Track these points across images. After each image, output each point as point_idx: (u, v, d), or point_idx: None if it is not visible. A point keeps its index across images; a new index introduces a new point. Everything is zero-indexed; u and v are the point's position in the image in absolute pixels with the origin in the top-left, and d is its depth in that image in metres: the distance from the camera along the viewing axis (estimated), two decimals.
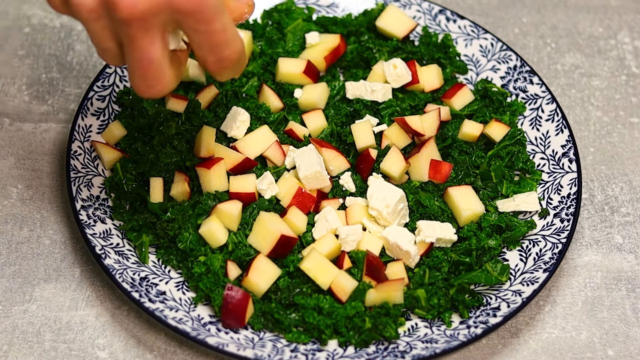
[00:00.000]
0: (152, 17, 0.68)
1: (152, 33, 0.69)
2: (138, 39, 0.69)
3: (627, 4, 1.23)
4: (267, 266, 0.88)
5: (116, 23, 0.69)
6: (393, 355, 0.84)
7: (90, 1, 0.68)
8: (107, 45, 0.72)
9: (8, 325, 0.88)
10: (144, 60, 0.70)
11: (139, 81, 0.72)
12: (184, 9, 0.68)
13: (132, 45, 0.69)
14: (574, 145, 0.99)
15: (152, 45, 0.69)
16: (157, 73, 0.71)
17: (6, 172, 1.00)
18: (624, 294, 0.94)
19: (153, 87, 0.72)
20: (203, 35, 0.71)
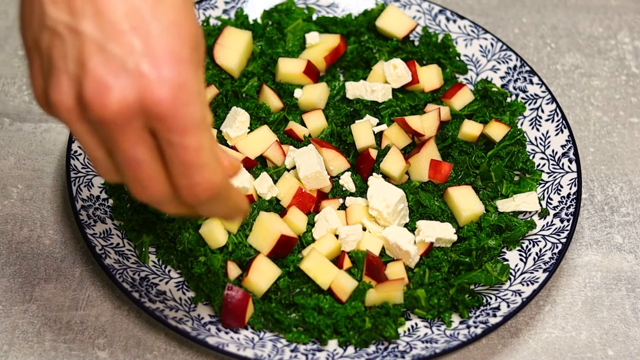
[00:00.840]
0: (126, 120, 0.60)
1: (132, 135, 0.61)
2: (121, 141, 0.61)
3: (627, 4, 1.23)
4: (267, 266, 0.88)
5: (95, 125, 0.61)
6: (393, 355, 0.84)
7: (67, 100, 0.61)
8: (95, 155, 0.63)
9: (8, 325, 0.88)
10: (131, 161, 0.62)
11: (133, 185, 0.63)
12: (156, 112, 0.59)
13: (115, 146, 0.62)
14: (573, 145, 0.99)
15: (135, 147, 0.61)
16: (150, 173, 0.62)
17: (6, 172, 1.00)
18: (623, 294, 0.94)
19: (147, 188, 0.63)
20: (175, 150, 0.60)
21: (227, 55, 1.04)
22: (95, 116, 0.60)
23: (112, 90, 0.59)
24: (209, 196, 0.63)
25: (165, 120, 0.60)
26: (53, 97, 0.61)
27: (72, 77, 0.61)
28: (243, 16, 1.10)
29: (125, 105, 0.59)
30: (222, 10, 1.11)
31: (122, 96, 0.59)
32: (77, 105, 0.61)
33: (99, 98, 0.59)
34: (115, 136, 0.61)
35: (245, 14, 1.10)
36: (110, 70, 0.59)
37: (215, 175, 0.63)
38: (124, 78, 0.59)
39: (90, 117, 0.61)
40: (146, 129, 0.61)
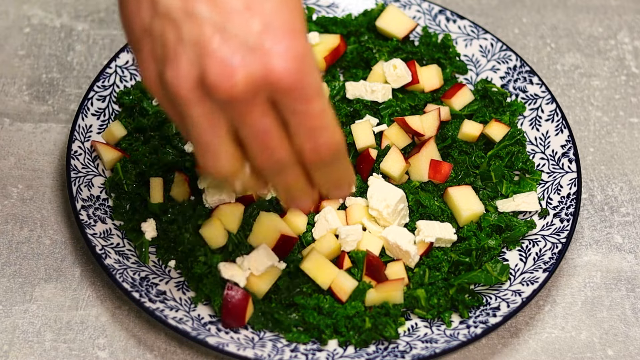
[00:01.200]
0: (252, 96, 0.62)
1: (257, 108, 0.63)
2: (245, 116, 0.63)
3: (627, 4, 1.23)
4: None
5: (221, 106, 0.62)
6: (393, 355, 0.84)
7: (187, 82, 0.62)
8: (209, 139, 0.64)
9: (8, 325, 0.88)
10: (259, 132, 0.64)
11: (260, 154, 0.65)
12: (283, 86, 0.61)
13: (241, 122, 0.63)
14: (573, 145, 1.00)
15: (262, 118, 0.63)
16: (276, 141, 0.64)
17: (6, 172, 1.01)
18: (623, 294, 0.94)
19: (274, 154, 0.65)
20: (300, 117, 0.63)
21: None
22: (221, 96, 0.61)
23: (237, 69, 0.61)
24: (332, 155, 0.66)
25: (291, 91, 0.62)
26: (171, 80, 0.62)
27: (191, 60, 0.61)
28: None
29: (251, 82, 0.61)
30: None
31: (247, 74, 0.61)
32: (197, 87, 0.62)
33: (225, 78, 0.61)
34: (240, 113, 0.63)
35: None
36: (233, 50, 0.61)
37: (336, 135, 0.66)
38: (247, 56, 0.61)
39: (215, 97, 0.62)
40: (268, 102, 0.63)
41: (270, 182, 0.69)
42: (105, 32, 1.15)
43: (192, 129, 0.64)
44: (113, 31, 1.15)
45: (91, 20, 1.16)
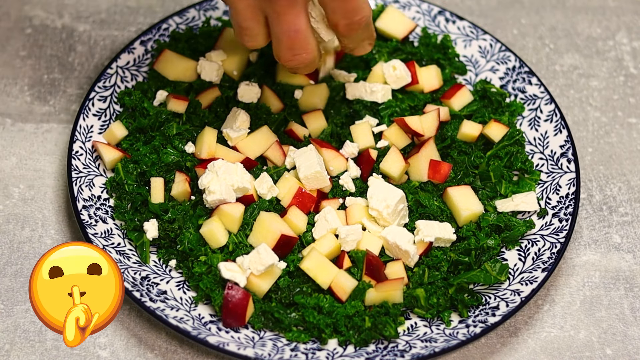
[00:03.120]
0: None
1: (297, 6, 0.75)
2: (285, 13, 0.75)
3: (625, 5, 1.23)
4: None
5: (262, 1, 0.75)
6: (392, 354, 0.84)
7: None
8: (248, 24, 0.77)
9: (10, 325, 0.88)
10: (291, 31, 0.76)
11: (286, 52, 0.78)
12: None
13: (279, 18, 0.76)
14: (572, 146, 1.00)
15: (297, 17, 0.76)
16: (303, 42, 0.77)
17: (8, 172, 1.01)
18: (622, 294, 0.95)
19: (299, 55, 0.79)
20: (338, 2, 0.77)
21: (227, 59, 1.04)
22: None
23: None
24: (362, 25, 0.82)
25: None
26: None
27: None
28: None
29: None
30: (222, 11, 1.11)
31: None
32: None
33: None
34: (282, 8, 0.76)
35: None
36: None
37: (366, 10, 0.81)
38: None
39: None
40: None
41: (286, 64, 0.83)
42: (106, 33, 1.15)
43: (236, 16, 0.79)
44: (114, 32, 1.15)
45: (92, 21, 1.16)
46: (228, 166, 0.92)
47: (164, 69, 1.04)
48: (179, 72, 1.03)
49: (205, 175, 0.92)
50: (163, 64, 1.04)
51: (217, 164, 0.92)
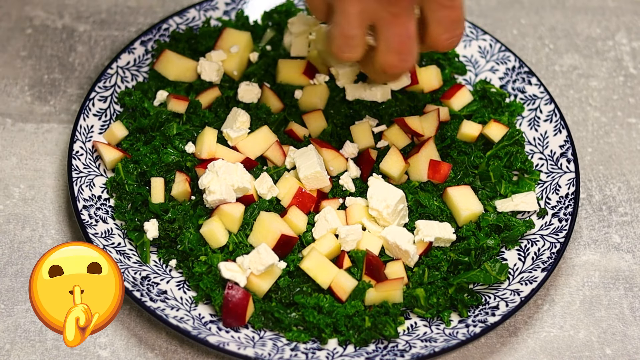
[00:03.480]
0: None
1: (411, 10, 0.74)
2: (401, 16, 0.74)
3: (624, 5, 1.23)
4: None
5: (379, 3, 0.73)
6: (392, 353, 0.84)
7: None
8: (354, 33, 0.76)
9: (10, 324, 0.89)
10: (403, 35, 0.75)
11: (393, 57, 0.77)
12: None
13: (394, 22, 0.75)
14: (572, 146, 1.00)
15: (410, 21, 0.75)
16: (412, 47, 0.77)
17: (8, 172, 1.01)
18: (621, 293, 0.95)
19: (406, 61, 0.78)
20: (447, 11, 0.77)
21: (227, 59, 1.05)
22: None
23: None
24: (458, 42, 0.81)
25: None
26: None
27: None
28: (243, 17, 1.11)
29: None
30: (222, 12, 1.11)
31: None
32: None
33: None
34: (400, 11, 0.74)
35: (245, 15, 1.11)
36: None
37: (464, 26, 0.81)
38: None
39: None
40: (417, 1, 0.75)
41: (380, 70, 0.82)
42: (106, 33, 1.15)
43: (343, 23, 0.75)
44: (114, 32, 1.16)
45: (92, 21, 1.17)
46: (228, 166, 0.93)
47: (164, 69, 1.04)
48: (179, 72, 1.04)
49: (206, 175, 0.92)
50: (163, 64, 1.04)
51: (217, 164, 0.93)
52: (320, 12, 0.79)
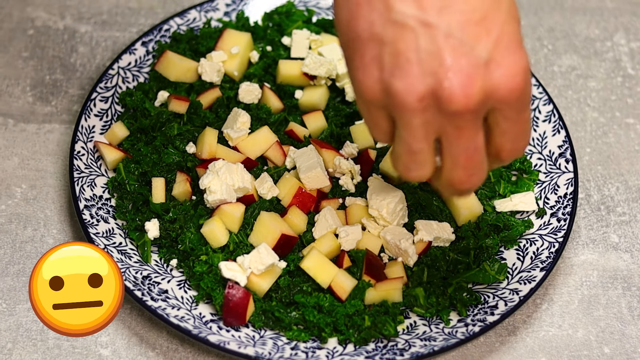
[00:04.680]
0: (479, 108, 0.65)
1: (478, 122, 0.66)
2: (467, 129, 0.66)
3: (623, 6, 1.24)
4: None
5: (443, 115, 0.65)
6: (392, 352, 0.85)
7: (419, 89, 0.64)
8: (420, 147, 0.67)
9: (12, 324, 0.89)
10: (470, 150, 0.67)
11: (461, 172, 0.68)
12: (511, 97, 0.65)
13: (459, 135, 0.66)
14: (570, 146, 1.01)
15: (477, 134, 0.67)
16: (480, 161, 0.68)
17: (10, 172, 1.02)
18: (619, 293, 0.95)
19: (475, 175, 0.69)
20: (511, 123, 0.67)
21: (228, 59, 1.05)
22: (455, 107, 0.63)
23: (475, 81, 0.63)
24: (522, 153, 0.72)
25: (515, 102, 0.65)
26: (402, 88, 0.63)
27: (425, 70, 0.63)
28: (244, 18, 1.11)
29: (485, 93, 0.63)
30: (223, 13, 1.12)
31: (483, 86, 0.63)
32: (426, 97, 0.64)
33: (462, 90, 0.63)
34: (465, 124, 0.65)
35: (246, 16, 1.11)
36: (470, 63, 0.63)
37: (529, 136, 0.71)
38: (482, 69, 0.63)
39: (446, 108, 0.64)
40: (483, 115, 0.66)
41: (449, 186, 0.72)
42: (107, 34, 1.16)
43: (407, 137, 0.66)
44: (115, 33, 1.16)
45: (94, 22, 1.17)
46: (229, 166, 0.93)
47: (165, 70, 1.04)
48: (180, 73, 1.04)
49: (206, 176, 0.93)
50: (164, 65, 1.04)
51: (217, 164, 0.93)
52: (382, 130, 0.69)
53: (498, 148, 0.69)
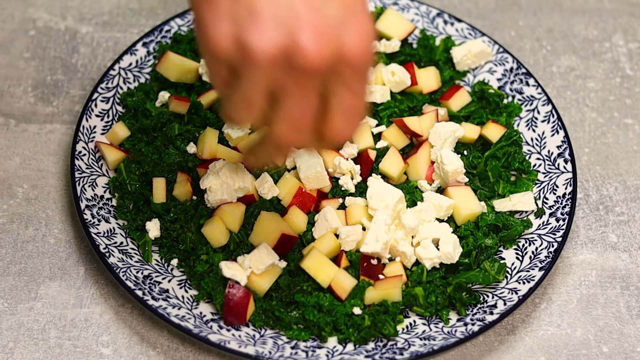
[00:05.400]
0: (328, 70, 0.65)
1: (317, 85, 0.66)
2: (307, 88, 0.66)
3: (621, 7, 1.24)
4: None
5: (288, 71, 0.65)
6: (392, 352, 0.85)
7: (270, 44, 0.63)
8: (256, 99, 0.67)
9: (14, 323, 0.89)
10: (303, 108, 0.66)
11: (287, 130, 0.68)
12: (355, 62, 0.65)
13: (297, 93, 0.66)
14: (569, 146, 1.01)
15: (314, 96, 0.66)
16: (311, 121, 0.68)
17: (12, 172, 1.02)
18: (618, 292, 0.96)
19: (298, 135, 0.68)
20: (349, 93, 0.67)
21: None
22: (304, 63, 0.64)
23: (329, 41, 0.63)
24: (351, 137, 0.70)
25: (359, 67, 0.65)
26: (254, 42, 0.63)
27: (280, 24, 0.63)
28: None
29: (334, 55, 0.64)
30: None
31: (334, 47, 0.64)
32: (277, 53, 0.64)
33: (316, 47, 0.63)
34: (307, 82, 0.65)
35: None
36: (324, 25, 0.63)
37: (364, 114, 0.69)
38: (335, 30, 0.64)
39: (294, 64, 0.64)
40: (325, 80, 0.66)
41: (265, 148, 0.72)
42: (109, 34, 1.16)
43: (247, 88, 0.66)
44: (117, 34, 1.17)
45: (95, 23, 1.18)
46: (229, 166, 0.93)
47: (166, 71, 1.05)
48: (180, 74, 1.05)
49: (207, 176, 0.93)
50: (165, 66, 1.05)
51: (218, 164, 0.94)
52: (223, 81, 0.68)
53: (334, 124, 0.69)
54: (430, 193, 0.95)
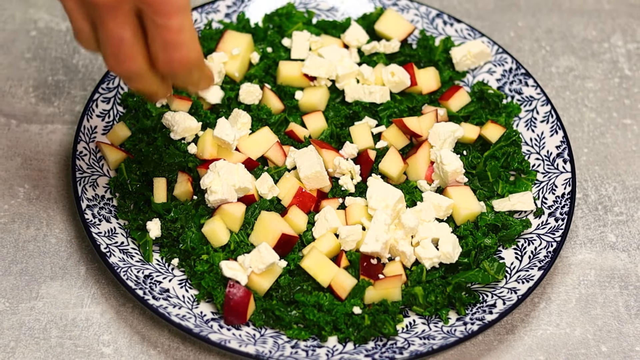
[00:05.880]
0: (119, 3, 0.70)
1: (121, 17, 0.71)
2: (109, 21, 0.71)
3: (620, 8, 1.25)
4: None
5: (93, 7, 0.71)
6: (391, 351, 0.85)
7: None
8: (80, 25, 0.73)
9: (15, 322, 0.90)
10: (114, 39, 0.72)
11: (110, 58, 0.73)
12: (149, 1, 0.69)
13: (103, 26, 0.71)
14: (568, 146, 1.01)
15: (122, 27, 0.71)
16: (129, 51, 0.72)
17: (13, 172, 1.02)
18: (617, 292, 0.96)
19: (124, 62, 0.73)
20: (158, 30, 0.71)
21: (228, 60, 1.06)
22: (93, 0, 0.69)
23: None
24: (184, 70, 0.74)
25: (154, 4, 0.69)
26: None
27: None
28: (244, 20, 1.12)
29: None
30: (224, 14, 1.13)
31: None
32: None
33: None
34: (104, 17, 0.71)
35: (246, 17, 1.12)
36: None
37: (191, 52, 0.73)
38: None
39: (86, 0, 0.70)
40: (133, 11, 0.70)
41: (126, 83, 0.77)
42: None
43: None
44: None
45: None
46: (229, 166, 0.94)
47: None
48: None
49: (207, 176, 0.94)
50: None
51: (218, 165, 0.94)
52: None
53: (154, 58, 0.73)
54: (429, 193, 0.95)
